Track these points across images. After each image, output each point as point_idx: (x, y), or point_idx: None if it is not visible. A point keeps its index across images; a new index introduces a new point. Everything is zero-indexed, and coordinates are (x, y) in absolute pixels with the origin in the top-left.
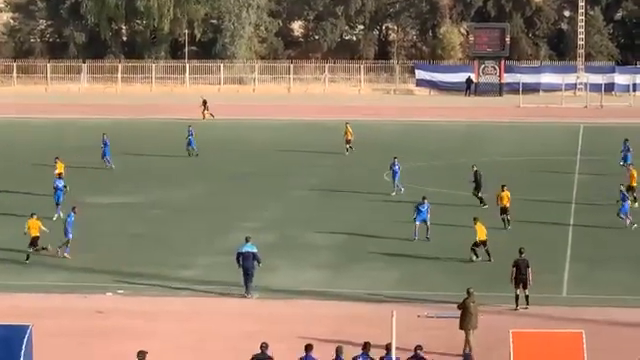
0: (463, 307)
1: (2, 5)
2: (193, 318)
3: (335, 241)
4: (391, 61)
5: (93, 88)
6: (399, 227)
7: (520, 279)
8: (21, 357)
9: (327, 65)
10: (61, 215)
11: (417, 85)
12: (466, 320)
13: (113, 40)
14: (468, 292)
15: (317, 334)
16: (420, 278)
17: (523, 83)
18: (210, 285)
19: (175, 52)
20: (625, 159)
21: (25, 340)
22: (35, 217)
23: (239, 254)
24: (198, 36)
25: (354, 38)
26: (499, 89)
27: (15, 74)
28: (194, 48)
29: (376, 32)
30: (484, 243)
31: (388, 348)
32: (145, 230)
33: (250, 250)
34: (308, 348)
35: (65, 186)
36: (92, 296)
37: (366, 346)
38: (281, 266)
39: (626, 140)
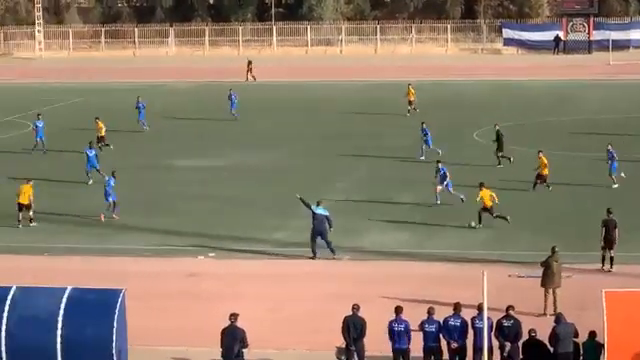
0: (546, 265)
1: None
2: (284, 280)
3: (423, 201)
4: (478, 20)
5: (181, 52)
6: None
7: (608, 239)
8: (114, 320)
9: (414, 25)
10: (90, 182)
11: (505, 44)
12: (548, 278)
13: (200, 3)
14: (553, 250)
15: (407, 295)
16: (510, 238)
17: (613, 40)
18: (301, 247)
19: (262, 14)
20: None
21: (118, 304)
22: (30, 183)
23: (312, 213)
24: None
25: None
26: (588, 47)
27: (103, 39)
28: (281, 10)
29: None
30: (490, 210)
31: (480, 308)
32: (234, 193)
33: (323, 213)
34: (398, 310)
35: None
36: (183, 259)
37: (457, 307)
38: (371, 227)
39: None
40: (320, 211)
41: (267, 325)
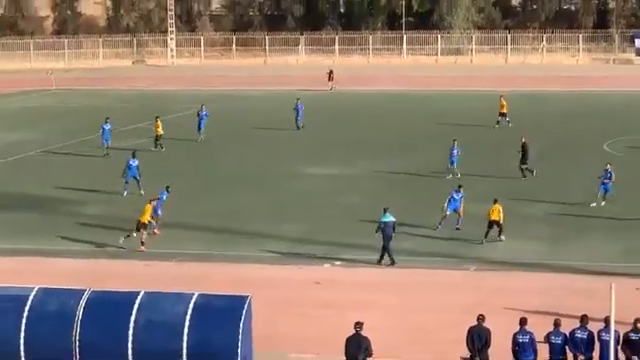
0: None
1: None
2: (410, 289)
3: (552, 212)
4: (610, 30)
5: (311, 60)
6: (617, 198)
7: None
8: (241, 327)
9: (545, 35)
10: (125, 194)
11: (637, 54)
12: None
13: (330, 12)
14: None
15: (534, 306)
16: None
17: None
18: (428, 257)
19: (392, 23)
20: None
21: (245, 310)
22: (154, 203)
23: (381, 223)
24: (415, 7)
25: (572, 7)
26: None
27: (234, 47)
28: (411, 19)
29: (595, 1)
30: (497, 223)
31: (607, 321)
32: (359, 200)
33: (391, 220)
34: (523, 321)
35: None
36: (309, 267)
37: (584, 319)
38: (494, 239)
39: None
40: (387, 218)
41: (392, 335)
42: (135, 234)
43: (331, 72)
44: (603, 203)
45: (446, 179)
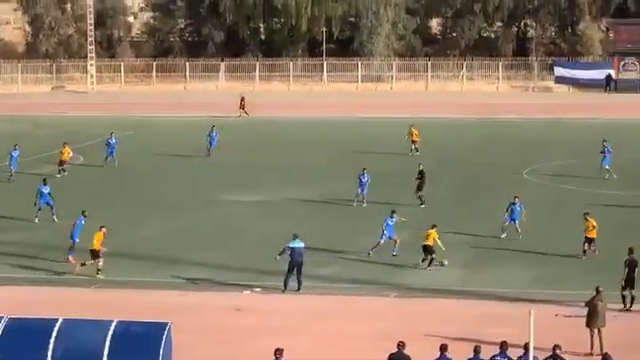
0: (590, 305)
1: (142, 5)
2: (329, 316)
3: (469, 240)
4: (529, 58)
5: (231, 87)
6: (534, 227)
7: (629, 279)
8: (160, 354)
9: (465, 62)
10: (36, 221)
11: (556, 82)
12: (593, 319)
13: (251, 39)
14: (597, 290)
15: (453, 333)
16: (556, 277)
17: None
18: (348, 284)
19: (313, 50)
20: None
21: (164, 337)
22: (104, 230)
23: (289, 249)
24: (336, 34)
25: (492, 35)
26: None
27: (155, 73)
28: (332, 46)
29: (514, 29)
30: (427, 250)
31: (526, 347)
32: (281, 227)
33: (299, 246)
34: (443, 348)
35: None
36: (229, 293)
37: (503, 345)
38: (417, 265)
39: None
40: (296, 244)
41: None
42: (91, 262)
43: (243, 99)
44: (503, 235)
45: (362, 207)
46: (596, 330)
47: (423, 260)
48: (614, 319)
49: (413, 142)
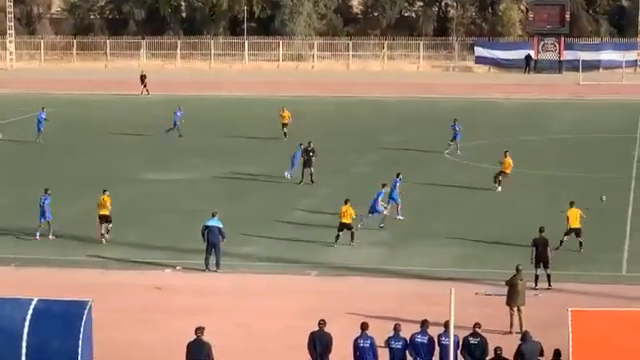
0: (510, 284)
1: None
2: (251, 295)
3: (389, 218)
4: (450, 38)
5: (152, 65)
6: (454, 206)
7: (539, 258)
8: (81, 332)
9: (386, 42)
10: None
11: (476, 62)
12: (513, 297)
13: (172, 17)
14: (517, 269)
15: (375, 312)
16: (477, 256)
17: (583, 60)
18: (269, 262)
19: (234, 29)
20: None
21: (85, 315)
22: (107, 193)
23: (205, 227)
24: (257, 13)
25: (413, 15)
26: (559, 66)
27: (75, 51)
28: (253, 25)
29: (435, 9)
30: (348, 227)
31: (446, 325)
32: (204, 206)
33: (216, 225)
34: (364, 326)
35: None
36: (150, 272)
37: (424, 323)
38: (339, 243)
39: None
40: (214, 222)
41: (234, 340)
42: (108, 227)
43: (144, 77)
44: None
45: (294, 184)
46: (516, 309)
47: (337, 238)
48: (534, 298)
49: (284, 125)
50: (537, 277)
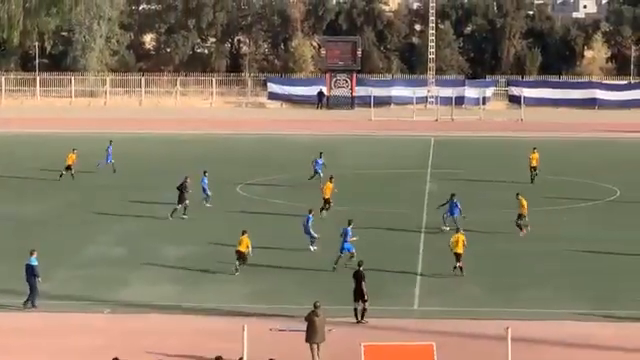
0: (308, 320)
1: None
2: (46, 333)
3: (188, 255)
4: (243, 74)
5: None
6: (253, 242)
7: (356, 292)
8: None
9: (179, 78)
10: None
11: (269, 98)
12: (311, 334)
13: None
14: (314, 306)
15: (169, 349)
16: (273, 291)
17: (375, 96)
18: (64, 300)
19: (25, 64)
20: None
21: None
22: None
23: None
24: (49, 48)
25: (206, 51)
26: (351, 102)
27: None
28: (45, 60)
29: (228, 45)
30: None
31: None
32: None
33: (30, 264)
34: None
35: None
36: None
37: None
38: (133, 280)
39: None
40: (30, 262)
41: None
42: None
43: None
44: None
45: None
46: (315, 345)
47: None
48: (328, 334)
49: (67, 167)
50: (356, 310)
